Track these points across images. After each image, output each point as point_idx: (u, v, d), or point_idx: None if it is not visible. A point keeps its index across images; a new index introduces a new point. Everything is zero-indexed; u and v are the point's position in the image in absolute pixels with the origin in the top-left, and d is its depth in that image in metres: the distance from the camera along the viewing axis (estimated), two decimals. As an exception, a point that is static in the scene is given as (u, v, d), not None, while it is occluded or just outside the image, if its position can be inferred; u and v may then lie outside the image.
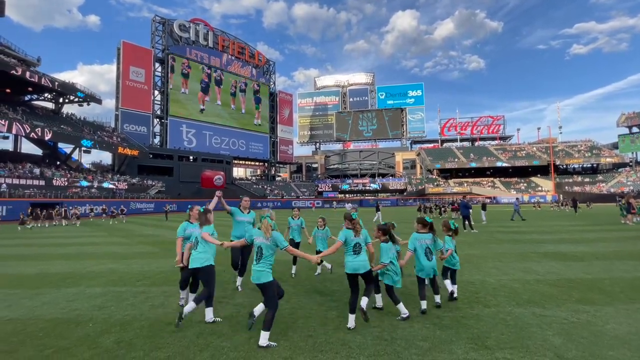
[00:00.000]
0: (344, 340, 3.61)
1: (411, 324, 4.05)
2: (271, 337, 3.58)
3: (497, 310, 4.53)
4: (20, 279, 6.81)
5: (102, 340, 3.72)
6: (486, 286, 5.77)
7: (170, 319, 4.34)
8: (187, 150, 59.99)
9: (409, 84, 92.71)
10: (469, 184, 67.14)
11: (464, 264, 7.60)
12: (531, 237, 12.34)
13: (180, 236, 4.91)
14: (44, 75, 38.69)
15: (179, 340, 3.67)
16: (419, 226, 4.87)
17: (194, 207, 5.22)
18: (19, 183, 31.07)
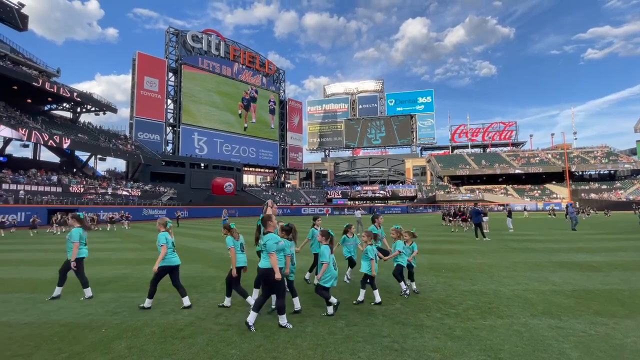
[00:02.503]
0: (353, 350, 3.57)
1: (422, 334, 3.98)
2: (280, 344, 3.57)
3: (511, 321, 4.42)
4: (36, 284, 6.98)
5: (115, 345, 3.77)
6: (500, 296, 5.63)
7: (181, 325, 4.38)
8: (199, 158, 60.93)
9: (419, 91, 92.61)
10: (481, 191, 66.03)
11: (476, 273, 7.48)
12: (546, 246, 12.03)
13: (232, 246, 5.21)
14: (62, 85, 40.10)
15: (189, 347, 3.70)
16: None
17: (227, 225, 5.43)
18: (37, 190, 32.03)
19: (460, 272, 7.71)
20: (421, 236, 16.53)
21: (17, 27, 45.15)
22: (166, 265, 5.14)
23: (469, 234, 16.80)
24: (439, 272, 7.73)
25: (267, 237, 4.32)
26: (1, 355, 3.57)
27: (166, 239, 5.17)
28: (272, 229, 4.45)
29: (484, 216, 17.66)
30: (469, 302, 5.31)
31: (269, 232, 4.38)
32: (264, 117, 75.57)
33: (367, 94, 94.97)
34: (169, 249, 5.17)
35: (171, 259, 5.22)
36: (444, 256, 10.07)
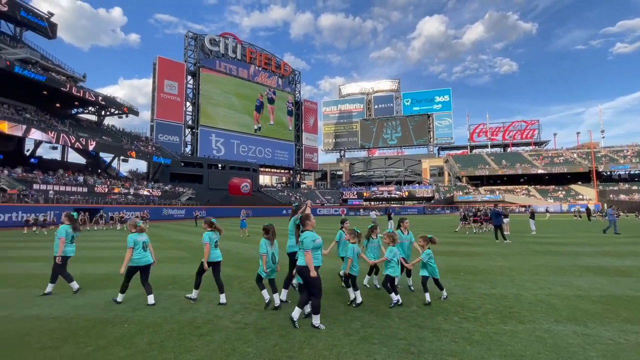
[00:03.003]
0: (369, 352, 3.55)
1: (439, 338, 3.91)
2: (296, 343, 3.60)
3: (534, 327, 4.27)
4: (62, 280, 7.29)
5: (137, 340, 3.90)
6: (521, 300, 5.46)
7: (199, 322, 4.48)
8: (216, 159, 62.11)
9: (436, 90, 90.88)
10: (501, 192, 64.09)
11: (496, 277, 7.27)
12: (571, 249, 11.55)
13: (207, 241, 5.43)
14: (88, 90, 41.84)
15: (207, 344, 3.78)
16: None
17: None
18: (65, 190, 33.52)
19: (479, 275, 7.52)
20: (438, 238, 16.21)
21: (47, 35, 47.51)
22: (134, 266, 5.41)
23: (487, 236, 16.35)
24: (457, 274, 7.57)
25: (304, 235, 4.41)
26: (33, 347, 3.76)
27: (134, 241, 5.39)
28: (310, 228, 4.52)
29: (505, 217, 17.16)
30: (488, 306, 5.17)
31: (306, 231, 4.47)
32: (281, 118, 76.31)
33: (383, 94, 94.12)
34: (137, 250, 5.39)
35: (140, 260, 5.43)
36: (462, 258, 9.84)
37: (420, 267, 5.67)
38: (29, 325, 4.44)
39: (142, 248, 5.51)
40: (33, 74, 34.80)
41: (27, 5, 44.78)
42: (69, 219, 6.29)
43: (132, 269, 5.42)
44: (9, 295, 6.01)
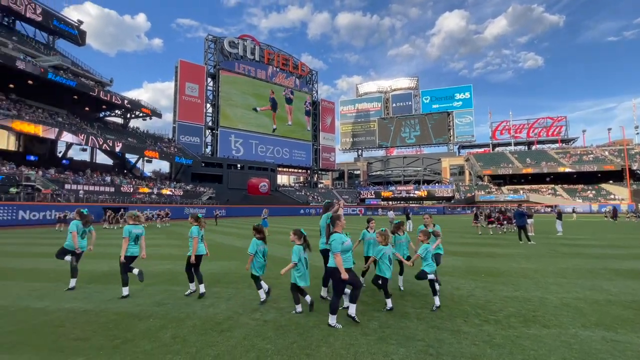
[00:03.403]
0: (386, 352, 3.55)
1: (459, 340, 3.85)
2: (314, 342, 3.65)
3: (559, 331, 4.12)
4: (93, 275, 7.68)
5: (161, 334, 4.06)
6: (546, 304, 5.27)
7: (220, 319, 4.61)
8: (235, 159, 63.27)
9: (456, 87, 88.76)
10: (525, 191, 61.80)
11: (519, 279, 7.05)
12: (602, 252, 11.01)
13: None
14: (115, 94, 43.65)
15: (227, 340, 3.89)
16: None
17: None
18: (93, 189, 35.15)
19: (501, 277, 7.31)
20: (459, 238, 15.87)
21: (77, 42, 49.93)
22: (130, 256, 5.81)
23: (508, 237, 15.83)
24: (478, 276, 7.39)
25: (333, 237, 4.39)
26: (66, 337, 3.99)
27: (129, 232, 5.80)
28: (339, 229, 4.50)
29: (529, 218, 16.57)
30: (510, 309, 5.03)
31: (335, 232, 4.45)
32: (299, 118, 76.81)
33: (401, 92, 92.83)
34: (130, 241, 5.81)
35: (129, 251, 5.81)
36: (484, 260, 9.59)
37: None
38: (63, 317, 4.72)
39: (134, 241, 5.86)
40: (65, 79, 36.67)
41: (59, 15, 47.25)
42: (79, 215, 6.64)
43: (127, 258, 5.77)
44: (45, 288, 6.39)
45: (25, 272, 8.09)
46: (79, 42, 49.99)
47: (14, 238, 17.11)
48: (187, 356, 3.46)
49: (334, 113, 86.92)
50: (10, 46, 34.74)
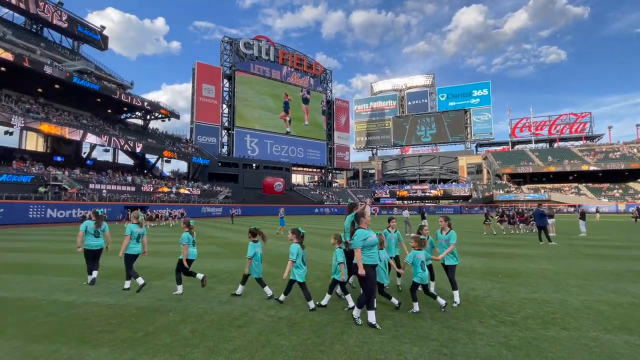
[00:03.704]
0: (400, 351, 3.57)
1: (473, 341, 3.82)
2: (327, 339, 3.72)
3: (579, 334, 4.02)
4: (116, 271, 7.99)
5: (180, 328, 4.23)
6: (566, 306, 5.14)
7: (236, 315, 4.74)
8: (251, 159, 64.11)
9: (474, 83, 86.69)
10: (547, 190, 59.72)
11: (538, 280, 6.89)
12: (629, 254, 10.56)
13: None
14: (135, 96, 45.06)
15: (243, 335, 4.00)
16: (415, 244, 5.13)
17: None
18: (116, 189, 36.45)
19: (519, 278, 7.16)
20: (476, 238, 15.57)
21: (100, 47, 51.83)
22: (127, 253, 6.17)
23: (528, 237, 15.39)
24: (495, 277, 7.26)
25: (356, 232, 4.43)
26: (92, 330, 4.21)
27: (132, 231, 6.18)
28: (364, 226, 4.51)
29: (550, 218, 16.09)
30: (528, 310, 4.93)
31: (360, 228, 4.49)
32: (316, 118, 77.14)
33: (417, 90, 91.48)
34: (131, 240, 6.18)
35: (131, 248, 6.21)
36: (501, 260, 9.39)
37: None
38: (89, 311, 4.97)
39: (136, 239, 6.25)
40: (88, 83, 38.16)
41: (83, 21, 49.18)
42: (95, 215, 6.91)
43: (127, 256, 6.16)
44: (72, 283, 6.73)
45: (54, 267, 8.53)
46: (101, 47, 51.87)
47: (43, 235, 18.00)
48: (205, 350, 3.59)
49: (349, 112, 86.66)
50: (39, 52, 36.44)
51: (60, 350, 3.59)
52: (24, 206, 26.24)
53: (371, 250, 4.40)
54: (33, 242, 14.43)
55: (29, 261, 9.45)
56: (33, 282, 6.89)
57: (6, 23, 40.38)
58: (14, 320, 4.56)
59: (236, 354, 3.50)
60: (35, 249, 12.10)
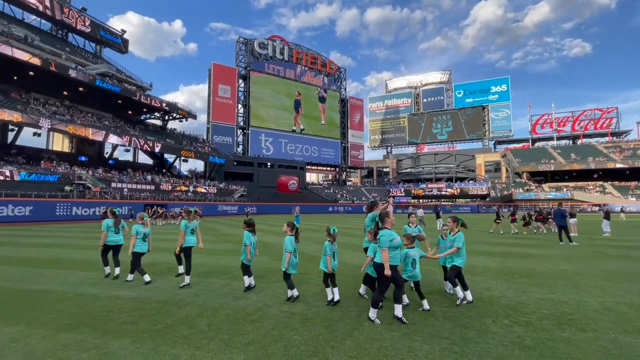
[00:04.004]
0: (410, 348, 3.60)
1: (486, 340, 3.81)
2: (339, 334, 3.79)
3: (596, 336, 3.93)
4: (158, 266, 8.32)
5: (197, 322, 4.39)
6: (584, 307, 5.01)
7: (250, 310, 4.88)
8: (265, 158, 64.75)
9: (492, 79, 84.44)
10: (569, 189, 57.62)
11: (556, 281, 6.73)
12: (655, 255, 10.12)
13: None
14: (154, 97, 46.31)
15: (257, 329, 4.13)
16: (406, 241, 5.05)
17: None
18: (136, 188, 37.64)
19: (536, 278, 7.01)
20: (491, 238, 15.25)
21: (120, 50, 53.51)
22: (134, 252, 6.59)
23: (547, 237, 14.94)
24: (511, 277, 7.13)
25: (382, 232, 4.47)
26: (115, 321, 4.44)
27: (137, 231, 6.62)
28: (389, 226, 4.57)
29: (571, 217, 15.59)
30: (544, 311, 4.85)
31: (385, 229, 4.54)
32: (332, 117, 77.13)
33: (432, 87, 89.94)
34: (138, 239, 6.61)
35: (138, 247, 6.63)
36: (518, 260, 9.19)
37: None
38: (112, 303, 5.22)
39: (142, 239, 6.67)
40: (110, 85, 39.51)
41: (105, 25, 50.90)
42: (112, 214, 7.29)
43: (135, 254, 6.59)
44: (96, 277, 7.06)
45: (80, 262, 8.96)
46: (122, 50, 53.55)
47: (69, 232, 18.85)
48: (220, 342, 3.73)
49: (363, 110, 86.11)
50: (64, 57, 38.00)
51: (86, 340, 3.81)
52: (51, 204, 27.51)
53: (395, 251, 4.46)
54: (60, 239, 15.14)
55: (56, 256, 9.96)
56: (60, 275, 7.28)
57: (34, 29, 42.29)
58: (44, 311, 4.85)
59: (250, 347, 3.62)
60: (62, 245, 12.71)
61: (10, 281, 6.70)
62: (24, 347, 3.63)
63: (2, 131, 36.88)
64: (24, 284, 6.51)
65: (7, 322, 4.39)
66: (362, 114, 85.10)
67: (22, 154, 35.43)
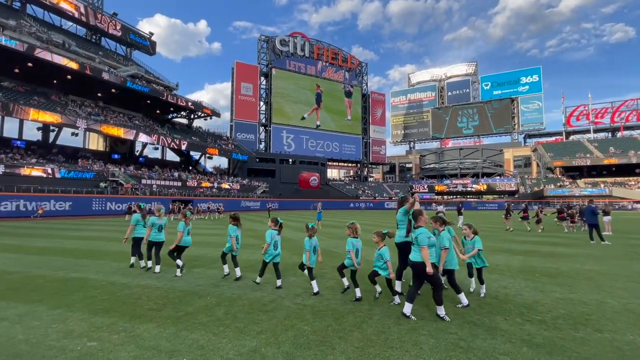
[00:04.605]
0: (416, 341, 3.68)
1: (494, 336, 3.82)
2: (347, 326, 3.93)
3: (612, 336, 3.83)
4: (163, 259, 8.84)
5: (216, 310, 4.69)
6: (604, 308, 4.86)
7: (265, 301, 5.12)
8: (287, 154, 65.56)
9: (522, 70, 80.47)
10: (608, 185, 54.15)
11: (579, 281, 6.51)
12: (696, 256, 9.45)
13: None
14: (180, 97, 48.09)
15: (270, 319, 4.36)
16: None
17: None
18: (164, 184, 39.41)
19: (558, 277, 6.80)
20: (515, 235, 14.76)
21: (148, 52, 55.81)
22: (151, 241, 7.11)
23: (578, 235, 14.25)
24: (532, 275, 6.96)
25: (419, 231, 4.51)
26: (142, 308, 4.82)
27: (152, 223, 7.12)
28: (423, 224, 4.62)
29: (605, 215, 14.81)
30: (560, 310, 4.75)
31: (420, 227, 4.58)
32: (358, 112, 76.83)
33: (458, 79, 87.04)
34: (154, 230, 7.13)
35: (155, 237, 7.13)
36: (543, 259, 8.91)
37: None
38: (140, 292, 5.65)
39: (158, 229, 7.15)
40: (140, 86, 41.43)
41: (134, 29, 53.25)
42: (138, 209, 7.84)
43: (150, 243, 7.12)
44: (127, 268, 7.61)
45: (113, 253, 9.64)
46: (150, 52, 55.86)
47: (104, 225, 20.15)
48: (235, 330, 3.99)
49: (385, 105, 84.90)
50: (97, 60, 40.23)
51: (116, 323, 4.19)
52: (88, 200, 29.44)
53: (430, 249, 4.54)
54: (96, 232, 16.25)
55: (92, 248, 10.75)
56: (96, 265, 7.90)
57: (70, 35, 45.02)
58: (81, 296, 5.35)
59: (262, 335, 3.85)
60: (97, 238, 13.66)
61: (53, 270, 7.36)
62: (63, 327, 4.06)
63: (44, 132, 39.73)
64: (64, 272, 7.14)
65: (49, 305, 4.89)
66: (384, 109, 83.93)
67: (62, 153, 38.03)
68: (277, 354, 3.36)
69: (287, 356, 3.32)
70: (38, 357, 3.29)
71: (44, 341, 3.65)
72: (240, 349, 3.47)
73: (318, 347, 3.54)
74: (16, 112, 30.49)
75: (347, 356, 3.33)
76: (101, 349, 3.47)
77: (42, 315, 4.48)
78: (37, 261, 8.35)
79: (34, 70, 34.64)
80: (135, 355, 3.32)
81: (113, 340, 3.69)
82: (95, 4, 48.35)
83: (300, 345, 3.57)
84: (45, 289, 5.79)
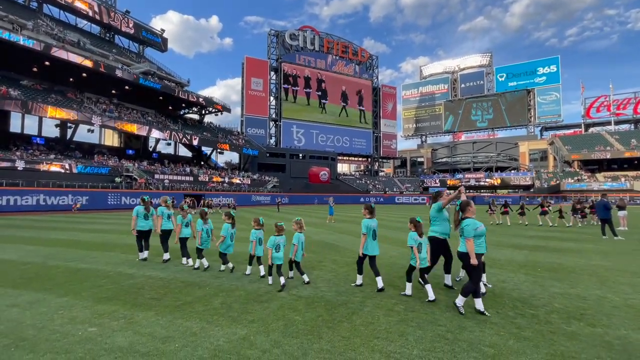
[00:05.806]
0: (403, 332, 3.73)
1: (482, 329, 3.83)
2: (337, 317, 4.01)
3: (605, 331, 3.79)
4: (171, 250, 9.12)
5: (212, 300, 4.85)
6: (602, 304, 4.78)
7: (262, 292, 5.26)
8: (297, 149, 65.75)
9: (538, 60, 77.91)
10: (629, 179, 52.18)
11: (582, 276, 6.40)
12: None
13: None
14: (192, 93, 48.74)
15: (264, 309, 4.48)
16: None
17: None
18: (176, 179, 40.22)
19: (560, 272, 6.69)
20: (524, 230, 14.49)
21: (160, 49, 56.61)
22: (165, 229, 7.62)
23: (590, 230, 13.87)
24: (533, 270, 6.88)
25: (466, 222, 4.54)
26: (144, 297, 5.03)
27: (162, 212, 7.59)
28: (471, 215, 4.59)
29: (620, 210, 14.37)
30: (556, 304, 4.70)
31: (467, 217, 4.60)
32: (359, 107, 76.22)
33: (471, 71, 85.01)
34: (163, 219, 7.60)
35: (164, 226, 7.61)
36: (548, 254, 8.75)
37: None
38: (144, 282, 5.88)
39: (167, 218, 7.64)
40: (152, 83, 42.17)
41: (147, 26, 54.06)
42: (142, 201, 7.95)
43: (163, 232, 7.58)
44: (134, 259, 7.89)
45: (122, 246, 9.98)
46: (162, 49, 56.67)
47: (118, 219, 20.80)
48: (229, 319, 4.13)
49: (396, 98, 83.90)
50: (111, 58, 41.10)
51: (118, 311, 4.39)
52: (103, 194, 30.38)
53: (479, 239, 4.55)
54: (108, 225, 16.81)
55: (103, 240, 11.16)
56: (105, 257, 8.22)
57: (85, 33, 46.08)
58: (88, 286, 5.61)
59: (254, 324, 3.97)
60: (109, 231, 14.15)
61: (65, 261, 7.71)
62: (68, 314, 4.29)
63: (62, 129, 41.04)
64: (75, 263, 7.47)
65: (58, 294, 5.15)
66: (394, 103, 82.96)
67: (79, 149, 39.26)
68: (265, 342, 3.48)
69: (274, 344, 3.43)
70: (42, 340, 3.50)
71: (49, 326, 3.87)
72: (230, 337, 3.60)
73: (306, 336, 3.64)
74: (35, 109, 31.59)
75: (333, 345, 3.42)
76: (100, 334, 3.66)
77: (50, 302, 4.73)
78: (51, 253, 8.75)
79: (51, 68, 35.71)
80: (131, 340, 3.50)
81: (112, 326, 3.89)
82: (108, 2, 49.27)
83: (289, 334, 3.68)
84: (56, 279, 6.09)
